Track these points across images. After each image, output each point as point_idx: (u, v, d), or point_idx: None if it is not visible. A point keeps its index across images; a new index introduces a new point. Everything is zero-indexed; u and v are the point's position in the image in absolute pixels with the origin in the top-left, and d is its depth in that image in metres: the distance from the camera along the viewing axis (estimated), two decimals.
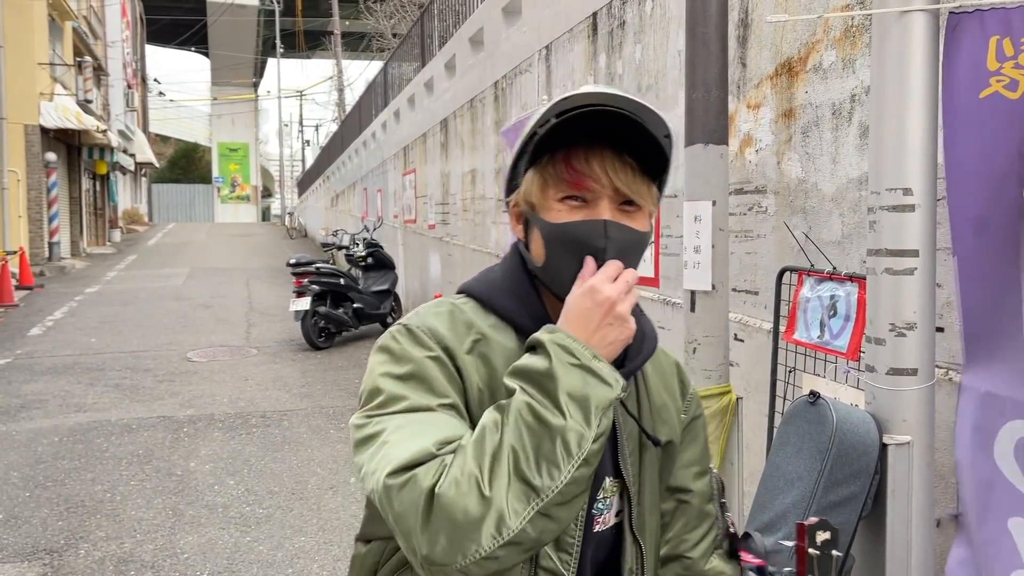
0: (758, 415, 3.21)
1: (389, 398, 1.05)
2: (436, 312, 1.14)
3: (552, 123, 1.07)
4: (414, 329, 1.10)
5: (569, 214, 1.09)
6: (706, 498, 1.36)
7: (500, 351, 1.12)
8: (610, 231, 1.08)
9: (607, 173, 1.08)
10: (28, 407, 6.68)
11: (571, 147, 1.08)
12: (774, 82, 3.22)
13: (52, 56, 18.23)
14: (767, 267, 3.27)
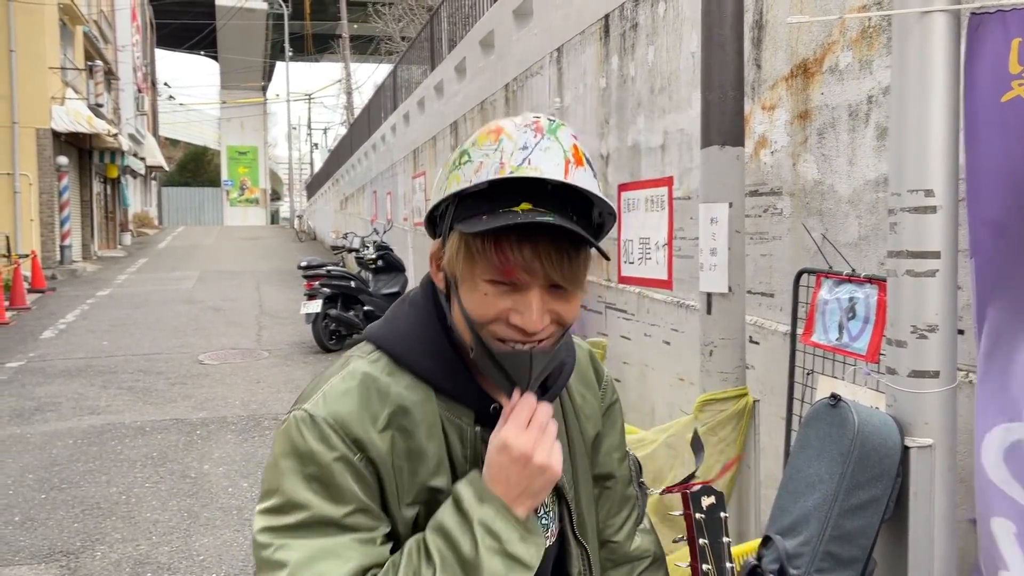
0: (774, 417, 3.20)
1: (291, 504, 1.00)
2: (345, 390, 1.05)
3: (483, 186, 1.00)
4: (320, 422, 1.02)
5: (496, 300, 1.01)
6: (627, 481, 1.35)
7: (420, 417, 1.07)
8: (535, 363, 1.04)
9: (543, 264, 0.99)
10: (42, 409, 6.71)
11: (503, 233, 0.99)
12: (789, 83, 3.22)
13: (63, 60, 18.34)
14: (782, 269, 3.26)
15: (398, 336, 1.11)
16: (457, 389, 1.09)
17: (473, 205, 1.01)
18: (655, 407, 4.40)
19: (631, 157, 4.68)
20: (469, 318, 1.03)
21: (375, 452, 1.03)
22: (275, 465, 1.03)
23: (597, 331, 5.13)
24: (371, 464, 1.03)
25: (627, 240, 4.67)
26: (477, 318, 1.03)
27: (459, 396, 1.09)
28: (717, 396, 2.85)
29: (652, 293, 4.40)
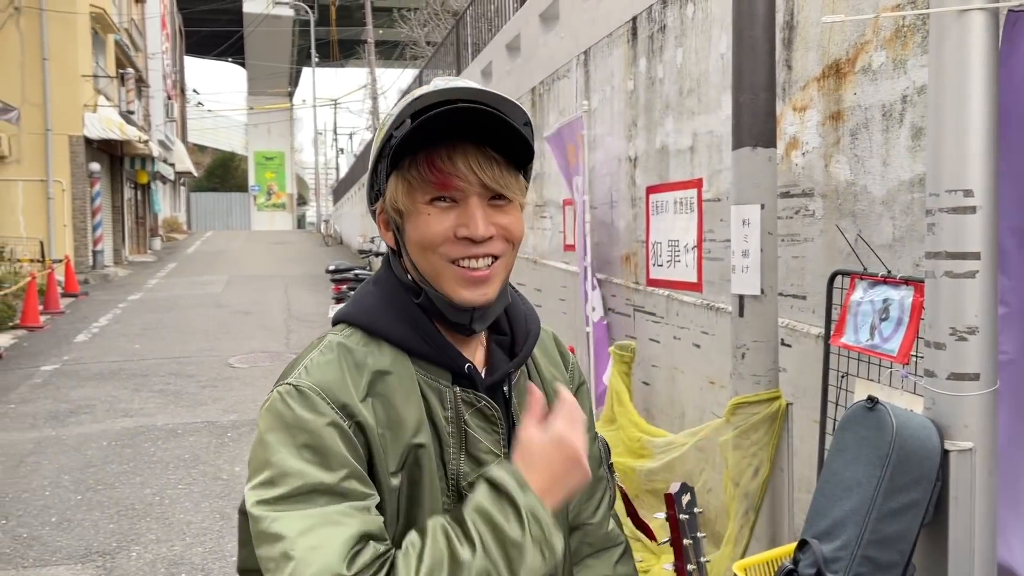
0: (807, 420, 3.18)
1: (283, 475, 0.98)
2: (326, 361, 1.07)
3: (408, 125, 1.04)
4: (306, 391, 1.03)
5: (440, 217, 1.06)
6: (597, 462, 1.33)
7: (397, 383, 1.08)
8: (475, 319, 1.10)
9: (473, 170, 1.04)
10: (77, 412, 6.82)
11: (432, 147, 1.04)
12: (821, 84, 3.19)
13: (95, 68, 18.63)
14: (815, 271, 3.23)
15: (366, 310, 1.13)
16: (432, 351, 1.10)
17: (400, 150, 1.05)
18: (685, 411, 4.37)
19: (659, 159, 4.66)
20: (420, 244, 1.07)
21: (362, 418, 1.04)
22: (262, 442, 1.02)
23: (625, 334, 5.12)
24: (360, 430, 1.04)
25: (656, 242, 4.65)
26: (427, 241, 1.06)
27: (435, 358, 1.11)
28: (749, 399, 2.83)
29: (681, 296, 4.38)
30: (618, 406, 4.40)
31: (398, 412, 1.07)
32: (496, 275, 1.10)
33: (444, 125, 1.03)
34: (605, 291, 5.46)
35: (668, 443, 3.71)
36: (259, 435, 1.03)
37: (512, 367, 1.17)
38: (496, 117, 1.03)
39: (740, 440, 2.85)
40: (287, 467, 0.98)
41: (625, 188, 5.16)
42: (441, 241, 1.06)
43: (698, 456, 3.56)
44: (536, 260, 7.34)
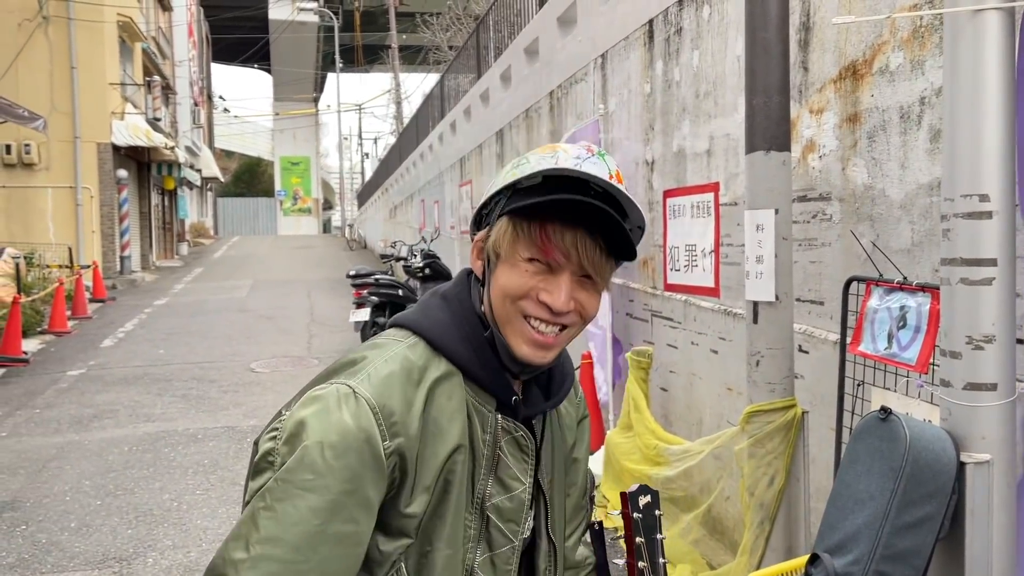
0: (825, 429, 3.12)
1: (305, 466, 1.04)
2: (389, 373, 1.11)
3: (536, 179, 1.13)
4: (362, 401, 1.07)
5: (531, 276, 1.13)
6: (583, 493, 1.42)
7: (448, 398, 1.14)
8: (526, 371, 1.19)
9: (578, 251, 1.12)
10: (100, 417, 6.89)
11: (549, 217, 1.11)
12: (838, 86, 3.13)
13: (123, 76, 18.90)
14: (832, 276, 3.17)
15: (434, 323, 1.18)
16: (486, 376, 1.16)
17: (525, 197, 1.13)
18: (702, 418, 4.32)
19: (676, 163, 4.61)
20: (504, 291, 1.14)
21: (406, 440, 1.08)
22: (301, 421, 1.06)
23: (643, 339, 5.07)
24: (397, 455, 1.08)
25: (673, 247, 4.60)
26: (512, 290, 1.14)
27: (486, 384, 1.17)
28: (764, 407, 2.78)
29: (699, 301, 4.33)
30: (635, 413, 4.35)
31: (444, 425, 1.12)
32: (560, 343, 1.18)
33: (566, 194, 1.11)
34: (623, 296, 5.42)
35: (684, 451, 3.66)
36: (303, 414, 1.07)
37: (549, 407, 1.26)
38: (614, 217, 1.11)
39: (755, 449, 2.80)
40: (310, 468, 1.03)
41: (642, 192, 5.11)
42: (523, 296, 1.14)
43: (715, 464, 3.51)
44: None
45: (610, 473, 4.59)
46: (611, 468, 4.56)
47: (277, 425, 1.11)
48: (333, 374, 1.13)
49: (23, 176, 16.81)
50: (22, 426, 6.67)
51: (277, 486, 1.04)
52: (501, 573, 1.20)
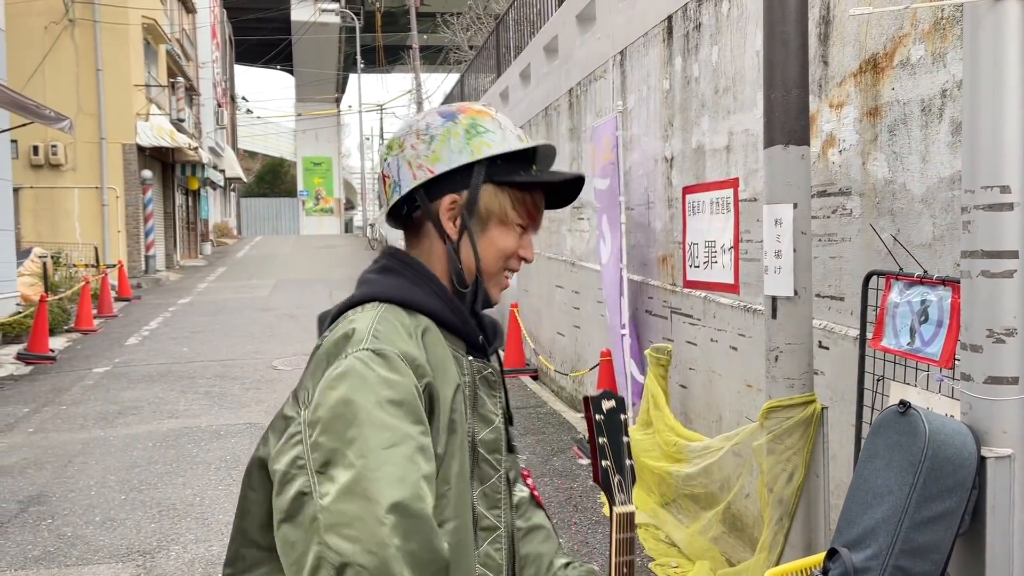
0: (845, 425, 3.09)
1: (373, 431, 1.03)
2: (391, 328, 1.14)
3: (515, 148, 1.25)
4: (389, 355, 1.09)
5: (518, 237, 1.29)
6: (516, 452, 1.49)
7: (436, 343, 1.21)
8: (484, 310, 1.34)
9: (542, 215, 1.32)
10: (125, 413, 6.98)
11: (535, 190, 1.28)
12: (858, 80, 3.11)
13: (147, 78, 19.11)
14: (853, 272, 3.14)
15: (399, 287, 1.23)
16: (459, 322, 1.24)
17: (506, 167, 1.25)
18: (722, 414, 4.30)
19: (695, 159, 4.60)
20: (502, 251, 1.27)
21: (430, 380, 1.14)
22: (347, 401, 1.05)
23: (662, 336, 5.06)
24: (427, 394, 1.14)
25: (692, 243, 4.59)
26: (508, 250, 1.27)
27: (458, 328, 1.25)
28: (783, 403, 2.77)
29: (718, 297, 4.31)
30: (654, 410, 4.34)
31: (444, 367, 1.19)
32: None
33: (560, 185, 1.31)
34: (642, 293, 5.40)
35: (704, 448, 3.65)
36: (341, 396, 1.05)
37: (502, 344, 1.39)
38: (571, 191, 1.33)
39: (774, 445, 2.78)
40: (380, 420, 1.04)
41: (662, 189, 5.10)
42: (511, 254, 1.28)
43: (735, 461, 3.49)
44: (574, 262, 7.30)
45: None
46: None
47: (294, 430, 1.08)
48: (332, 357, 1.11)
49: (50, 177, 17.05)
50: (49, 422, 6.77)
51: (361, 467, 1.00)
52: (493, 503, 1.26)
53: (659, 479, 4.18)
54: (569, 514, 4.54)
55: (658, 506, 4.23)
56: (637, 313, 5.43)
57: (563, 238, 7.70)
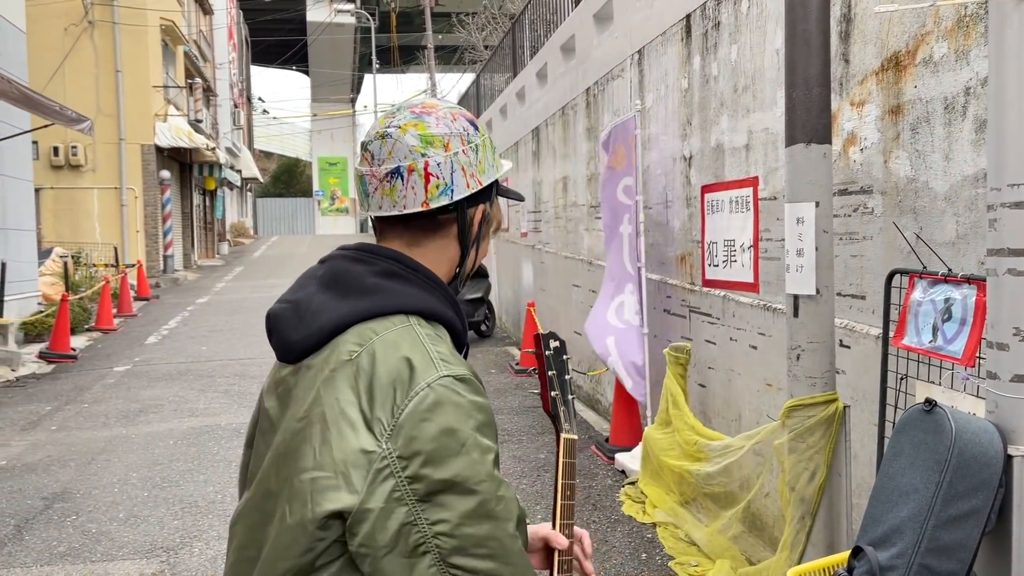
0: (867, 424, 3.08)
1: (487, 449, 1.09)
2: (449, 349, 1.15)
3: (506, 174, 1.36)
4: (470, 379, 1.12)
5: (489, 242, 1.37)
6: None
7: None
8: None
9: None
10: (146, 411, 7.05)
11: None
12: (880, 78, 3.10)
13: (166, 79, 19.26)
14: (874, 270, 3.14)
15: (416, 298, 1.18)
16: (462, 329, 1.25)
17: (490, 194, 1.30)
18: (742, 414, 4.29)
19: (714, 158, 4.59)
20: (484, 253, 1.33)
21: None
22: (451, 431, 1.06)
23: (681, 335, 5.05)
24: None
25: (711, 242, 4.58)
26: (485, 255, 1.34)
27: (462, 336, 1.24)
28: (804, 402, 2.76)
29: (737, 296, 4.30)
30: (673, 409, 4.34)
31: None
32: None
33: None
34: (660, 292, 5.40)
35: (725, 447, 3.65)
36: (444, 427, 1.05)
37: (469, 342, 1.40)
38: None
39: (796, 443, 2.78)
40: (486, 443, 1.08)
41: (680, 188, 5.09)
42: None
43: (756, 460, 3.49)
44: (591, 261, 7.30)
45: (648, 469, 4.58)
46: (649, 464, 4.56)
47: (380, 466, 1.04)
48: (401, 386, 1.08)
49: (70, 177, 17.23)
50: (71, 420, 6.85)
51: (484, 491, 1.06)
52: None
53: (679, 478, 4.18)
54: (588, 513, 4.55)
55: (678, 505, 4.23)
56: (654, 312, 5.43)
57: (581, 237, 7.70)
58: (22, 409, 7.33)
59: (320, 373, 1.12)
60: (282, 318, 1.20)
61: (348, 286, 1.17)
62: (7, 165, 9.97)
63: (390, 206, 1.19)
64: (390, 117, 1.23)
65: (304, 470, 1.07)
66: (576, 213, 7.81)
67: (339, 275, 1.19)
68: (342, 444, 1.05)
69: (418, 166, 1.17)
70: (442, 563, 1.03)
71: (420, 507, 1.03)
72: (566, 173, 8.23)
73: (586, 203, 7.40)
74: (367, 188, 1.22)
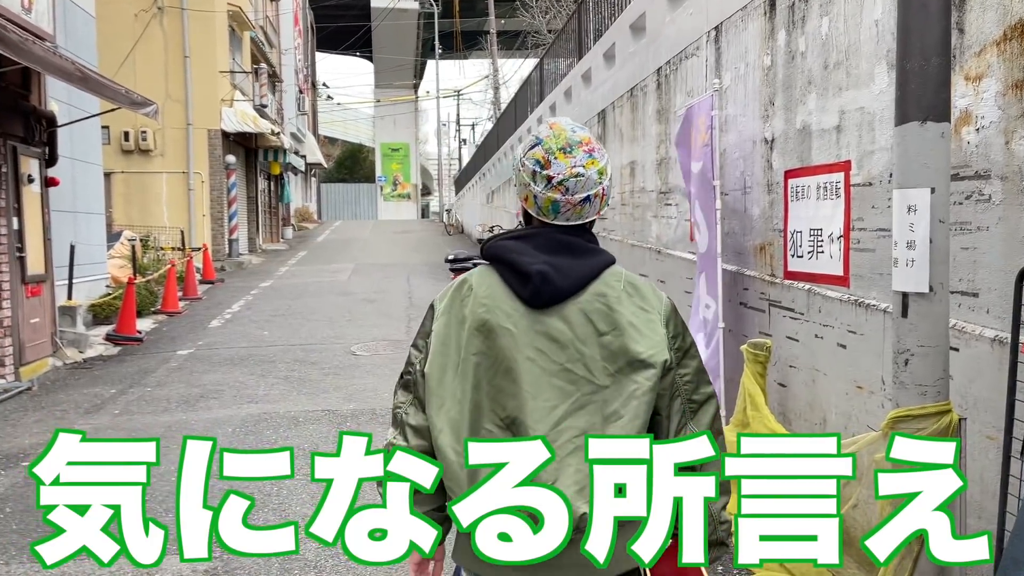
0: (978, 436, 2.77)
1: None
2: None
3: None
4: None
5: None
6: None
7: None
8: None
9: None
10: (207, 397, 7.02)
11: None
12: (1001, 48, 2.75)
13: (232, 65, 19.46)
14: (990, 265, 2.80)
15: (611, 256, 1.81)
16: None
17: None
18: (826, 417, 3.98)
19: (800, 141, 4.26)
20: None
21: None
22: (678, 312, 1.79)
23: (759, 331, 4.74)
24: None
25: (795, 231, 4.26)
26: None
27: None
28: (914, 412, 2.46)
29: (824, 290, 3.98)
30: (751, 410, 4.04)
31: None
32: None
33: None
34: (736, 284, 5.09)
35: None
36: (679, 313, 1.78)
37: None
38: None
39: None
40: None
41: (760, 172, 4.77)
42: None
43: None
44: (660, 250, 7.00)
45: None
46: None
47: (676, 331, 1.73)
48: (654, 295, 1.75)
49: (140, 162, 17.55)
50: (133, 404, 6.86)
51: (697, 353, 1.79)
52: None
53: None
54: None
55: None
56: (729, 305, 5.12)
57: (648, 225, 7.40)
58: (87, 392, 7.39)
59: (595, 303, 1.66)
60: (549, 275, 1.64)
61: (578, 250, 1.70)
62: (77, 149, 10.10)
63: (576, 218, 1.71)
64: (568, 156, 1.67)
65: (637, 352, 1.64)
66: (644, 199, 7.50)
67: (566, 244, 1.70)
68: (653, 333, 1.68)
69: (600, 192, 1.71)
70: (710, 384, 1.74)
71: (679, 356, 1.71)
72: (634, 158, 7.91)
73: (655, 189, 7.08)
74: (559, 208, 1.69)
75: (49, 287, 8.65)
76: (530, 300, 1.64)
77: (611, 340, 1.62)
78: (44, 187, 8.55)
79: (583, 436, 1.55)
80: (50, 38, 8.46)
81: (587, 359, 1.61)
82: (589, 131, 1.72)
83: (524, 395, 1.60)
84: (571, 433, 1.58)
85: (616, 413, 1.58)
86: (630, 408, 1.58)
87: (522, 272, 1.64)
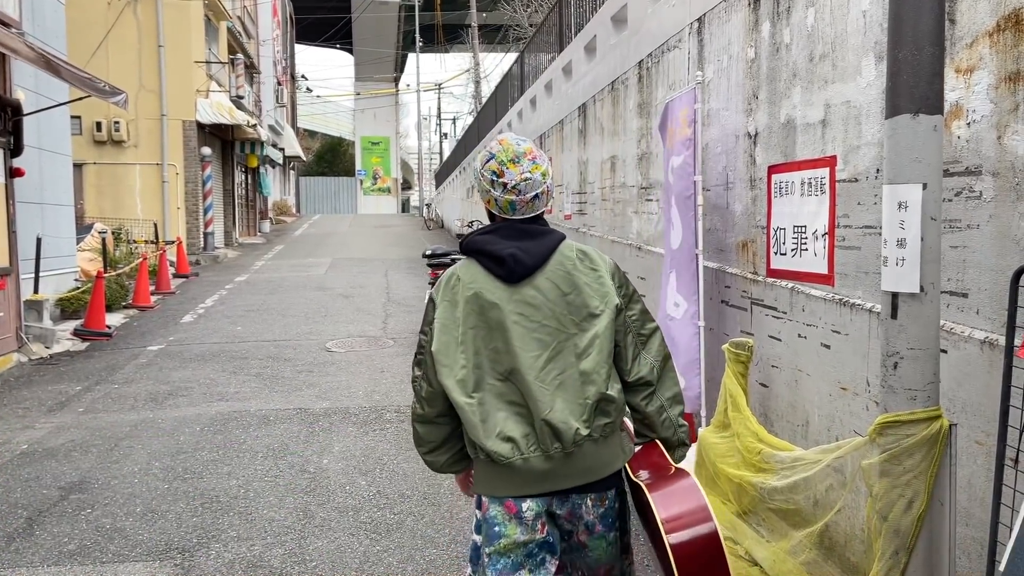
0: (967, 440, 2.67)
1: None
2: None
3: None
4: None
5: None
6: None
7: None
8: None
9: None
10: (175, 394, 6.83)
11: None
12: (994, 39, 2.65)
13: (208, 55, 19.11)
14: (980, 264, 2.70)
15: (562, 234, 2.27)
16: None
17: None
18: (809, 419, 3.88)
19: (784, 135, 4.15)
20: None
21: None
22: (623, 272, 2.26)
23: (741, 330, 4.64)
24: None
25: (778, 228, 4.15)
26: None
27: None
28: (902, 418, 2.36)
29: (808, 289, 3.88)
30: (733, 411, 3.94)
31: None
32: None
33: None
34: (718, 282, 4.99)
35: (797, 459, 3.24)
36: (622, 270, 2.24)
37: None
38: None
39: (890, 466, 2.38)
40: None
41: (743, 168, 4.66)
42: None
43: (835, 477, 3.08)
44: (640, 247, 6.89)
45: (703, 475, 4.19)
46: (704, 470, 4.17)
47: (620, 283, 2.20)
48: (600, 259, 2.20)
49: (113, 153, 17.21)
50: (99, 401, 6.66)
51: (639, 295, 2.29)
52: None
53: (737, 487, 3.79)
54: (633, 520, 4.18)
55: (736, 516, 3.84)
56: (710, 304, 5.01)
57: (629, 221, 7.29)
58: (52, 388, 7.18)
59: (557, 271, 2.12)
60: (519, 256, 2.09)
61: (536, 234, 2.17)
62: (45, 139, 9.83)
63: (530, 212, 2.18)
64: (517, 165, 2.13)
65: (594, 305, 2.10)
66: (625, 195, 7.39)
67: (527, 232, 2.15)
68: (603, 286, 2.14)
69: (545, 189, 2.19)
70: (654, 321, 2.24)
71: (637, 296, 2.23)
72: (614, 152, 7.80)
73: (636, 184, 6.97)
74: (516, 206, 2.15)
75: (14, 280, 8.41)
76: (507, 277, 2.08)
77: (573, 298, 2.09)
78: (9, 177, 8.30)
79: (564, 372, 2.05)
80: (16, 24, 8.21)
81: (558, 315, 2.08)
82: (530, 141, 2.18)
83: (515, 350, 2.03)
84: (555, 372, 2.05)
85: (586, 351, 2.06)
86: (595, 346, 2.07)
87: (497, 257, 2.08)
